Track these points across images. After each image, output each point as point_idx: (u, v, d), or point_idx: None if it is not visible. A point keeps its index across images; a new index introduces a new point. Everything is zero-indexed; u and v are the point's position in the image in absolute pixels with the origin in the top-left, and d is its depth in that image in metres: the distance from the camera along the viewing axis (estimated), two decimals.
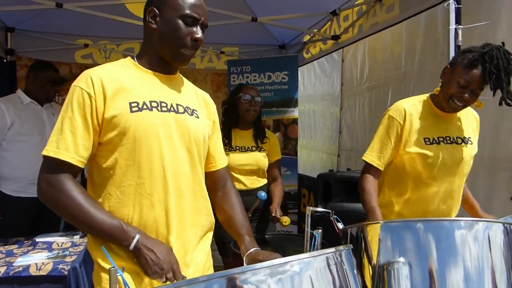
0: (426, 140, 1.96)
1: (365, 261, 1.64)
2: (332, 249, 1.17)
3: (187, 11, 1.43)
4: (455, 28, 2.59)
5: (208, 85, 6.15)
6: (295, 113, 4.85)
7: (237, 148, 2.88)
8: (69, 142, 1.33)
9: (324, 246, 2.37)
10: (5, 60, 4.61)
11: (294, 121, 4.85)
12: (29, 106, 3.07)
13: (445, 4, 2.66)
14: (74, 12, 3.66)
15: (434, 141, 1.96)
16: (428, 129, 1.98)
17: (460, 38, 2.65)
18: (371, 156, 2.04)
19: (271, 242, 2.61)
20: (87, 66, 5.06)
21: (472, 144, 2.05)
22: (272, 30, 4.99)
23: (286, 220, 2.72)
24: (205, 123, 1.57)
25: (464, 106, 1.94)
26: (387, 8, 3.44)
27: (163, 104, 1.44)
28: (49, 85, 3.10)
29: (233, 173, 2.81)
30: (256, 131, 2.97)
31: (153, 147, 1.39)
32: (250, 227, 1.64)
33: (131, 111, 1.37)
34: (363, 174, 2.07)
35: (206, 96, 1.67)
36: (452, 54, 2.72)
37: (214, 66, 5.48)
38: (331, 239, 1.82)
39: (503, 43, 1.88)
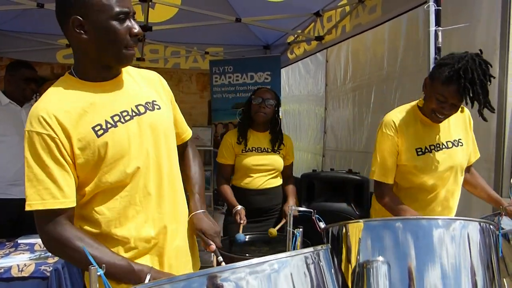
0: (418, 150, 1.99)
1: (346, 260, 1.66)
2: (310, 249, 1.19)
3: (117, 9, 1.30)
4: (435, 30, 2.63)
5: (193, 84, 6.16)
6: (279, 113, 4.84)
7: (253, 149, 2.94)
8: (52, 188, 1.28)
9: (307, 245, 2.40)
10: None
11: None
12: (8, 106, 3.04)
13: (425, 6, 2.69)
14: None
15: (426, 150, 2.00)
16: (418, 139, 2.01)
17: (440, 39, 2.70)
18: (382, 175, 2.05)
19: (256, 242, 2.63)
20: (69, 66, 5.06)
21: (462, 145, 2.09)
22: (256, 31, 5.01)
23: (272, 232, 2.71)
24: (166, 110, 1.54)
25: (447, 117, 1.97)
26: (370, 9, 3.48)
27: (124, 113, 1.39)
28: (24, 83, 3.08)
29: (248, 173, 2.90)
30: (273, 135, 3.00)
31: (130, 160, 1.38)
32: (203, 185, 1.66)
33: (98, 136, 1.33)
34: (378, 194, 2.08)
35: (157, 76, 1.60)
36: (432, 55, 2.76)
37: (199, 66, 5.48)
38: (317, 238, 1.84)
39: (480, 50, 1.89)
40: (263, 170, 2.94)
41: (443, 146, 2.03)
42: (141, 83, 1.51)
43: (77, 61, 1.41)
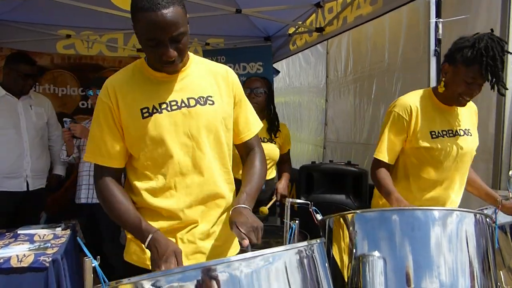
0: (432, 133, 1.99)
1: (342, 252, 1.67)
2: (304, 243, 1.20)
3: (146, 35, 1.38)
4: (436, 22, 2.62)
5: None
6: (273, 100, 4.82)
7: None
8: (102, 148, 1.50)
9: (305, 237, 2.41)
10: None
11: None
12: (4, 98, 3.03)
13: None
14: (56, 3, 3.61)
15: (440, 135, 2.00)
16: (433, 123, 2.01)
17: (440, 31, 2.69)
18: (381, 153, 2.05)
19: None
20: (69, 57, 5.04)
21: (471, 136, 2.09)
22: (257, 22, 4.98)
23: (264, 211, 2.73)
24: (221, 106, 1.57)
25: (473, 97, 2.00)
26: (371, 0, 3.45)
27: (173, 103, 1.49)
28: (22, 78, 3.04)
29: None
30: (269, 124, 3.00)
31: (166, 146, 1.48)
32: (257, 186, 1.60)
33: (143, 117, 1.47)
34: (374, 169, 2.07)
35: (224, 71, 1.63)
36: (432, 47, 2.75)
37: None
38: (316, 230, 1.85)
39: (492, 29, 1.93)
40: None
41: (456, 133, 2.04)
42: (203, 78, 1.58)
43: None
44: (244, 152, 1.71)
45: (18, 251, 2.34)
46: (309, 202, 1.85)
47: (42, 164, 3.22)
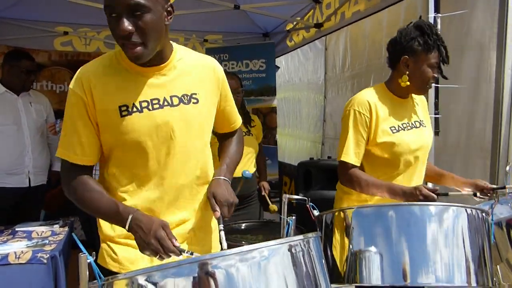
0: (392, 128, 1.96)
1: (338, 247, 1.68)
2: (300, 237, 1.19)
3: (105, 5, 1.27)
4: (434, 17, 2.61)
5: None
6: (273, 101, 4.84)
7: None
8: (75, 145, 1.39)
9: (302, 232, 2.41)
10: None
11: (273, 110, 4.85)
12: (3, 95, 3.03)
13: None
14: (53, 0, 3.60)
15: (400, 128, 1.98)
16: (391, 117, 1.98)
17: (439, 26, 2.68)
18: (347, 155, 1.95)
19: (252, 230, 2.65)
20: (67, 54, 5.03)
21: (426, 126, 2.09)
22: (255, 18, 4.98)
23: (274, 208, 2.88)
24: (205, 104, 1.49)
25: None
26: None
27: (155, 101, 1.39)
28: (24, 75, 3.05)
29: None
30: (243, 117, 2.99)
31: (146, 146, 1.39)
32: (236, 160, 1.62)
33: (121, 116, 1.36)
34: (344, 173, 1.97)
35: (211, 66, 1.53)
36: None
37: None
38: (313, 226, 1.85)
39: (420, 16, 2.02)
40: (244, 156, 2.93)
41: (412, 126, 2.02)
42: (189, 73, 1.47)
43: None
44: (225, 135, 1.70)
45: (16, 248, 2.34)
46: (306, 198, 1.85)
47: (43, 161, 3.23)
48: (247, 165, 2.97)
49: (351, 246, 1.62)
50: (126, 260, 1.42)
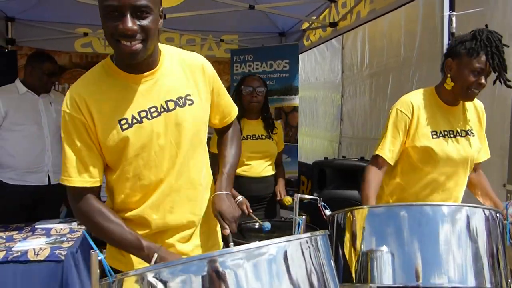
0: (433, 133, 1.96)
1: (350, 247, 1.67)
2: (308, 234, 1.19)
3: (104, 2, 1.25)
4: (449, 15, 2.58)
5: None
6: (295, 100, 4.89)
7: (248, 137, 2.96)
8: (80, 168, 1.37)
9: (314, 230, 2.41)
10: (6, 50, 4.66)
11: (295, 108, 4.90)
12: (25, 95, 3.10)
13: None
14: (73, 1, 3.67)
15: (441, 135, 1.97)
16: (434, 122, 1.98)
17: (454, 25, 2.64)
18: (382, 149, 2.00)
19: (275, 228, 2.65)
20: (87, 55, 5.12)
21: (474, 136, 2.05)
22: (272, 18, 4.98)
23: (288, 200, 2.89)
24: (200, 104, 1.49)
25: (482, 88, 1.97)
26: None
27: (153, 109, 1.40)
28: (46, 77, 3.11)
29: (245, 161, 2.91)
30: (265, 122, 3.05)
31: (150, 158, 1.41)
32: (235, 164, 1.65)
33: (122, 129, 1.36)
34: (368, 165, 2.05)
35: (200, 64, 1.51)
36: (446, 41, 2.71)
37: (214, 54, 5.47)
38: (326, 226, 1.85)
39: (486, 25, 1.96)
40: (259, 157, 2.96)
41: (457, 134, 2.00)
42: (178, 74, 1.47)
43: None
44: (223, 130, 1.70)
45: (35, 244, 2.40)
46: (318, 198, 1.85)
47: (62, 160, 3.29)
48: (267, 169, 3.01)
49: (362, 246, 1.61)
50: (135, 260, 1.45)
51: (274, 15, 4.64)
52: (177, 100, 1.43)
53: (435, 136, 1.96)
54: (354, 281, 1.62)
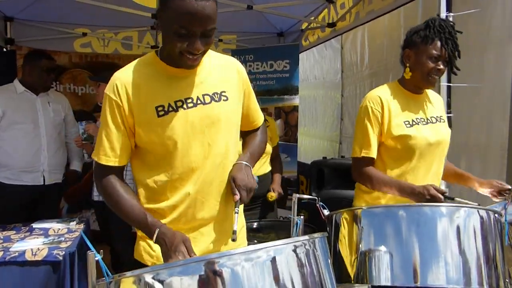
0: (406, 123, 1.96)
1: (348, 247, 1.67)
2: (306, 237, 1.20)
3: (180, 23, 1.33)
4: (446, 16, 2.58)
5: None
6: (295, 100, 4.92)
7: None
8: (106, 147, 1.47)
9: (314, 231, 2.41)
10: (4, 50, 4.66)
11: (295, 108, 4.92)
12: (23, 95, 3.10)
13: None
14: (72, 1, 3.67)
15: (414, 122, 1.97)
16: (405, 112, 1.99)
17: None
18: (368, 149, 1.97)
19: (263, 229, 2.66)
20: (87, 55, 5.12)
21: (444, 122, 2.08)
22: (270, 18, 4.98)
23: (272, 195, 2.92)
24: (234, 101, 1.56)
25: (441, 74, 2.02)
26: None
27: (189, 100, 1.46)
28: (45, 73, 3.12)
29: None
30: None
31: (181, 146, 1.45)
32: (259, 150, 1.69)
33: (158, 116, 1.44)
34: (361, 168, 1.99)
35: (234, 66, 1.61)
36: None
37: None
38: (325, 226, 1.85)
39: (438, 15, 2.03)
40: None
41: (428, 121, 2.02)
42: (216, 72, 1.55)
43: (162, 41, 1.49)
44: (249, 133, 1.74)
45: (33, 244, 2.40)
46: (316, 198, 1.85)
47: (58, 159, 3.29)
48: (263, 168, 3.01)
49: (360, 246, 1.61)
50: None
51: (272, 15, 4.64)
52: (213, 95, 1.51)
53: (408, 126, 1.96)
54: (352, 281, 1.62)
